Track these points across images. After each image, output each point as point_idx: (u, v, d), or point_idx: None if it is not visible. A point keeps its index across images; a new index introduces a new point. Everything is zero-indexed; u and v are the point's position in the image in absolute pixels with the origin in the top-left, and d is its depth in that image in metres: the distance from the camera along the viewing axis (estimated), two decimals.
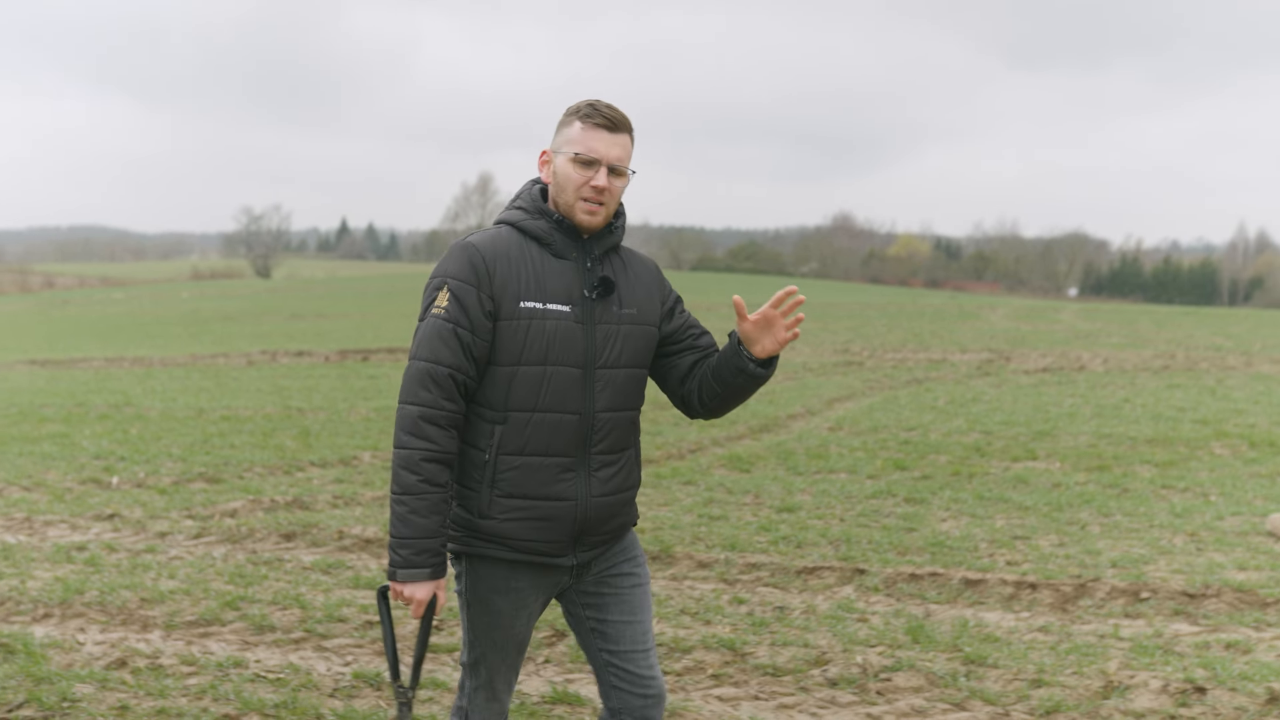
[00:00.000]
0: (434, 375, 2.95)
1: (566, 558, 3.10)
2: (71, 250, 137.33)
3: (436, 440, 2.94)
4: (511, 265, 3.02)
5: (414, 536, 2.94)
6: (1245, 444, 11.96)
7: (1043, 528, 8.21)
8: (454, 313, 2.97)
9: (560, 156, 3.08)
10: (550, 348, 3.00)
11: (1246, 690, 5.04)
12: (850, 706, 4.85)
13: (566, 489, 3.05)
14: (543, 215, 3.09)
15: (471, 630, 3.14)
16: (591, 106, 3.06)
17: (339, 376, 19.82)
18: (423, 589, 2.98)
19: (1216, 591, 6.59)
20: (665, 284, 3.28)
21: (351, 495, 9.12)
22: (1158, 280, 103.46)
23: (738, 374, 3.12)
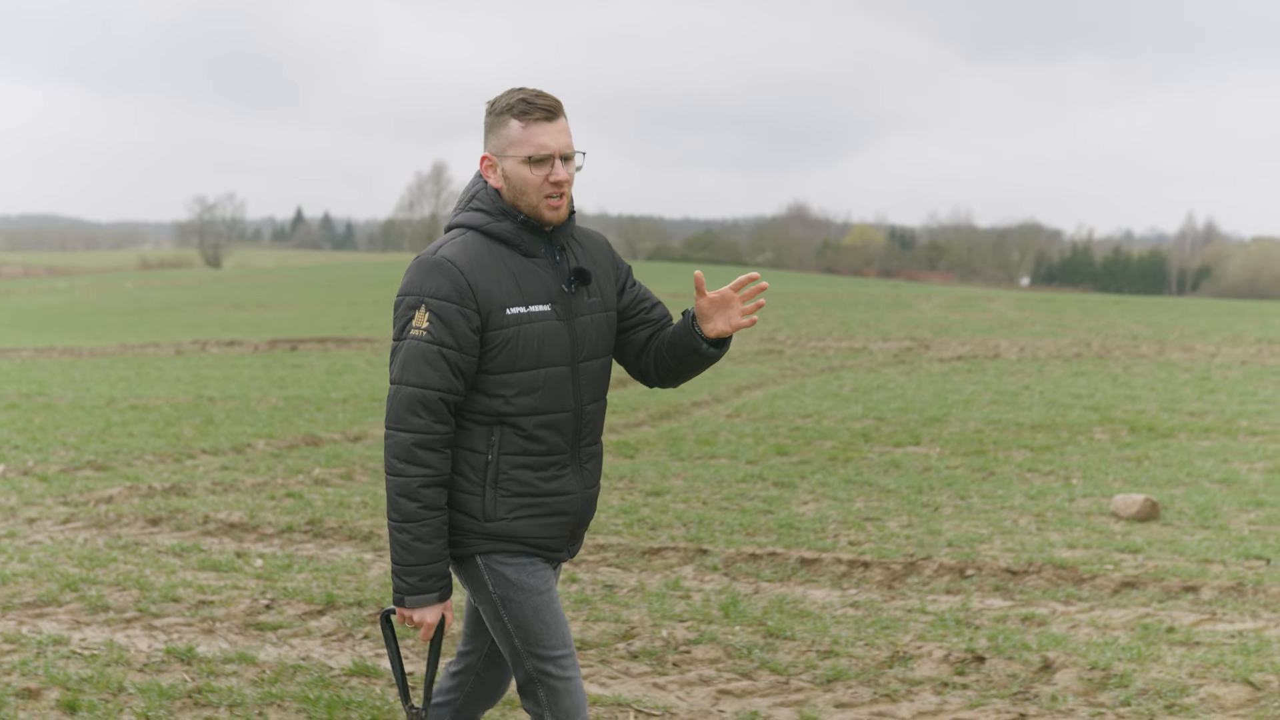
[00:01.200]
0: (424, 400, 2.89)
1: (563, 553, 3.14)
2: (22, 240, 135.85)
3: (433, 465, 2.91)
4: (489, 274, 2.96)
5: (420, 563, 2.92)
6: (1126, 429, 12.32)
7: (897, 510, 8.49)
8: (437, 333, 2.90)
9: (508, 160, 2.99)
10: (540, 350, 2.98)
11: (1022, 659, 5.32)
12: (640, 677, 5.09)
13: (566, 484, 3.06)
14: (506, 216, 3.02)
15: (519, 630, 3.03)
16: (524, 101, 2.98)
17: (263, 366, 19.90)
18: (432, 612, 2.97)
19: (1038, 569, 6.88)
20: (617, 259, 3.25)
21: (231, 482, 9.28)
22: (1108, 270, 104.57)
23: (690, 353, 3.12)
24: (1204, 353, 20.90)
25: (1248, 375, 17.45)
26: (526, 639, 3.03)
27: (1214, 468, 10.08)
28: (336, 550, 7.28)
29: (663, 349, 3.18)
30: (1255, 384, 16.21)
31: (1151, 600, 6.38)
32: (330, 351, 22.64)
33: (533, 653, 3.04)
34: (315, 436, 11.65)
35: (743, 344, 22.70)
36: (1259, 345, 22.09)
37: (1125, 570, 6.90)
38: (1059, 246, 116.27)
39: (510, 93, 3.00)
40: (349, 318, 32.72)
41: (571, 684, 3.07)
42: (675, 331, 3.16)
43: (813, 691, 4.94)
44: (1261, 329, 25.80)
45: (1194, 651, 5.48)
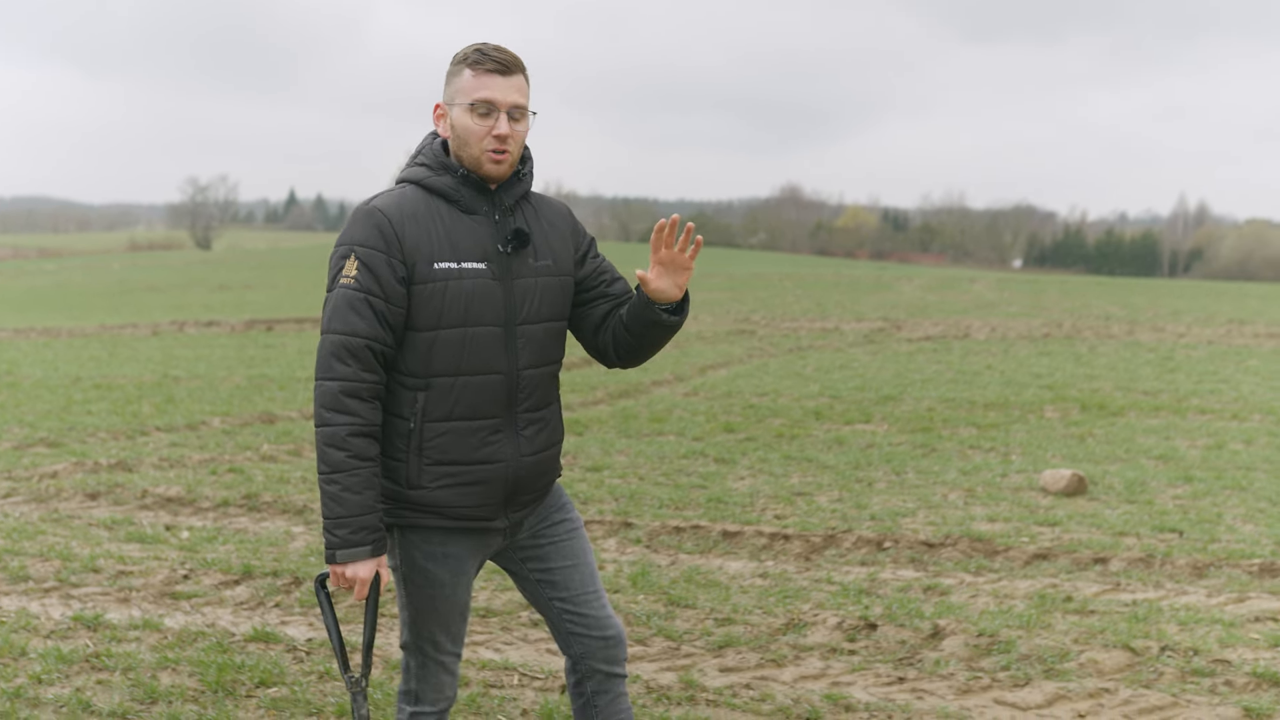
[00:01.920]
0: (350, 347, 2.85)
1: (499, 520, 3.05)
2: (13, 222, 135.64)
3: (361, 414, 2.85)
4: (420, 226, 2.91)
5: (349, 515, 2.84)
6: (1077, 407, 12.44)
7: (831, 485, 8.61)
8: (365, 281, 2.85)
9: (456, 109, 2.95)
10: (469, 308, 2.91)
11: (914, 626, 5.45)
12: (536, 643, 5.21)
13: (496, 451, 2.98)
14: (447, 170, 2.98)
15: (411, 605, 3.04)
16: (479, 51, 2.94)
17: (236, 346, 19.99)
18: (365, 567, 2.87)
19: (955, 541, 7.00)
20: (579, 228, 3.18)
21: (179, 458, 9.39)
22: (1100, 252, 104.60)
23: (651, 326, 3.05)
24: (1173, 333, 21.03)
25: (1211, 355, 17.57)
26: (416, 619, 3.05)
27: (1154, 445, 10.21)
28: (269, 523, 7.39)
29: (620, 326, 3.12)
30: (1216, 364, 16.33)
31: (1060, 572, 6.51)
32: (305, 332, 22.72)
33: (419, 630, 3.06)
34: (271, 414, 11.75)
35: (716, 324, 22.80)
36: (1229, 326, 22.21)
37: (1040, 543, 7.03)
38: (1052, 229, 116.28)
39: (471, 45, 2.98)
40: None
41: (444, 667, 3.09)
42: (631, 307, 3.09)
43: (701, 657, 5.07)
44: (1235, 309, 25.93)
45: (1086, 620, 5.61)
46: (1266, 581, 6.33)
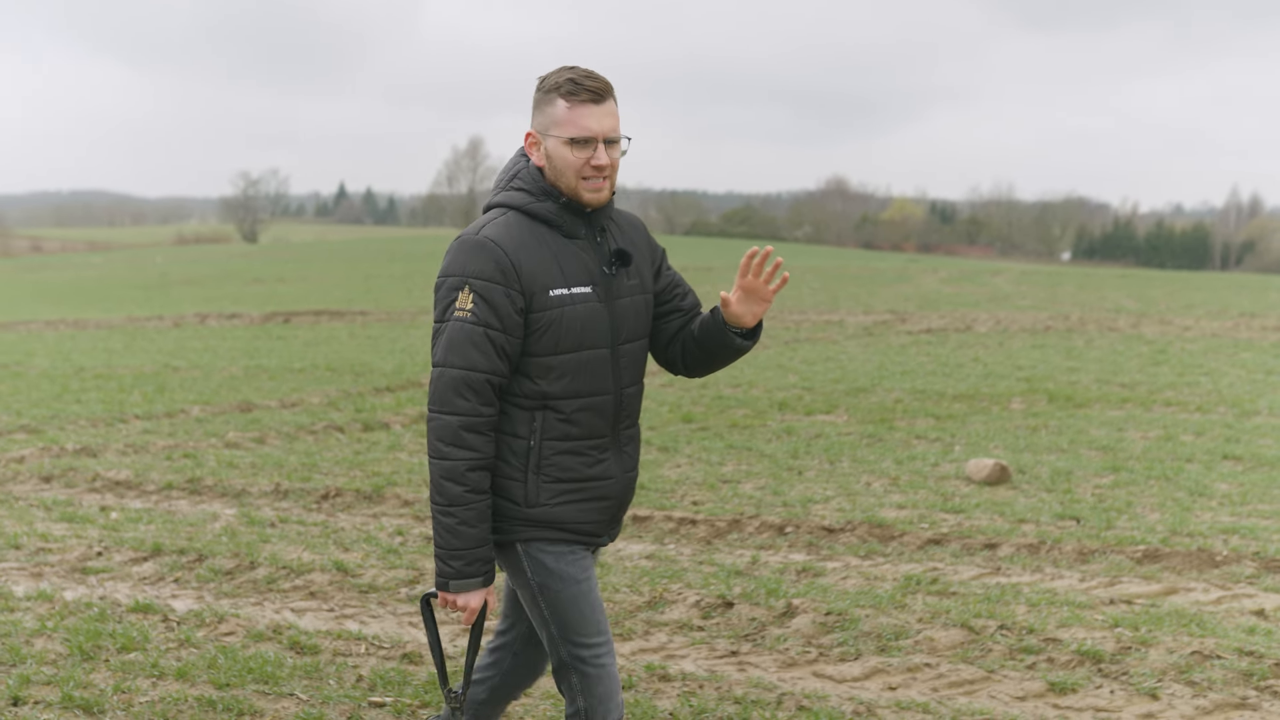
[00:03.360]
0: (471, 383, 2.86)
1: (604, 538, 3.12)
2: (71, 215, 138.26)
3: (479, 448, 2.88)
4: (533, 255, 2.92)
5: (465, 547, 2.89)
6: (1045, 399, 12.57)
7: (761, 473, 8.84)
8: (483, 314, 2.85)
9: (551, 139, 2.95)
10: (584, 332, 2.95)
11: (768, 605, 5.70)
12: (402, 616, 5.52)
13: (607, 468, 3.05)
14: (548, 197, 2.98)
15: (556, 618, 3.03)
16: (572, 81, 2.93)
17: (249, 338, 20.48)
18: (476, 597, 2.95)
19: (854, 527, 7.23)
20: (653, 241, 3.22)
21: (144, 444, 9.80)
22: (1150, 244, 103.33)
23: (722, 347, 3.11)
24: (1179, 326, 20.97)
25: (1208, 348, 17.55)
26: (562, 627, 3.03)
27: (1104, 436, 10.33)
28: (204, 506, 7.76)
29: (692, 341, 3.16)
30: (1209, 358, 16.32)
31: (948, 556, 6.73)
32: (321, 324, 23.20)
33: (568, 639, 3.04)
34: (249, 403, 12.16)
35: None
36: (1239, 319, 22.10)
37: (938, 529, 7.24)
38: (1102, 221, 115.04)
39: (560, 71, 2.96)
40: (359, 291, 33.33)
41: (605, 671, 3.07)
42: (705, 325, 3.14)
43: None
44: (1252, 302, 25.75)
45: (942, 600, 5.83)
46: (1144, 567, 6.52)
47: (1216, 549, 6.74)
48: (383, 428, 10.85)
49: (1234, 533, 7.11)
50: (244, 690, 4.49)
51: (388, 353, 17.32)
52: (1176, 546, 6.81)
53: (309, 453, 9.49)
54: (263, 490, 8.08)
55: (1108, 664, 5.02)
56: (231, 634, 5.19)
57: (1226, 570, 6.45)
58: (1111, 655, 5.10)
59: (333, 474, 8.63)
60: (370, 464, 9.01)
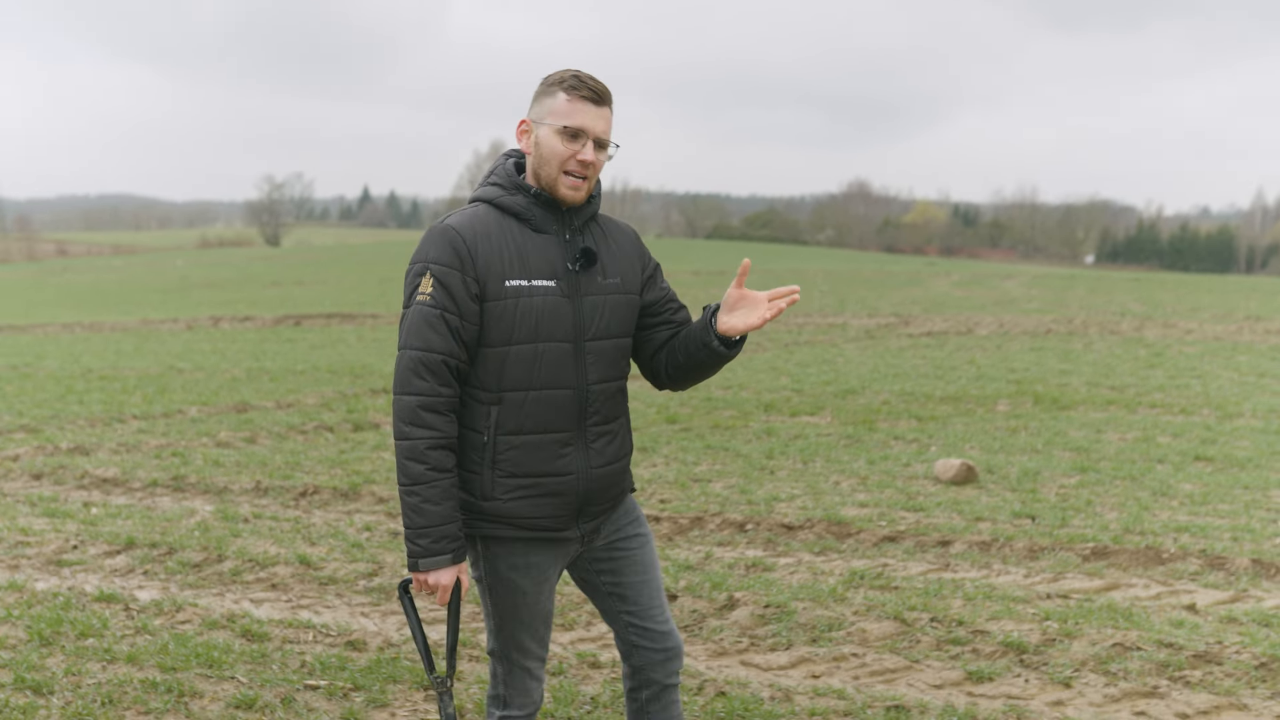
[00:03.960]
0: (427, 363, 2.95)
1: (571, 530, 3.13)
2: (98, 219, 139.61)
3: (438, 427, 2.94)
4: (493, 244, 2.99)
5: (430, 525, 2.95)
6: (1030, 400, 12.70)
7: (734, 473, 9.03)
8: (440, 298, 2.94)
9: (544, 128, 3.04)
10: (540, 324, 3.00)
11: (710, 597, 5.88)
12: (358, 607, 5.74)
13: (567, 464, 3.07)
14: (519, 190, 3.07)
15: (496, 614, 3.14)
16: (576, 78, 3.03)
17: (258, 340, 20.79)
18: (446, 575, 2.99)
19: (813, 524, 7.41)
20: (645, 252, 3.27)
21: (136, 443, 10.06)
22: (1174, 247, 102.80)
23: (702, 348, 3.13)
24: (1182, 329, 21.02)
25: (1206, 351, 17.61)
26: (502, 626, 3.16)
27: (1081, 437, 10.47)
28: (186, 503, 8.00)
29: (675, 347, 3.21)
30: (1204, 361, 16.40)
31: (899, 553, 6.89)
32: (331, 327, 23.49)
33: (505, 637, 3.17)
34: (246, 404, 12.42)
35: None
36: (1243, 323, 22.12)
37: (896, 527, 7.40)
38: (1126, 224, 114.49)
39: (566, 70, 3.07)
40: (373, 294, 33.66)
41: (531, 674, 3.20)
42: (692, 328, 3.19)
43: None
44: (1261, 306, 25.74)
45: (882, 595, 6.00)
46: (1090, 564, 6.67)
47: (1165, 547, 6.89)
48: (372, 428, 11.08)
49: (1186, 531, 7.25)
50: (188, 673, 4.71)
51: (390, 356, 17.56)
52: (1126, 544, 6.95)
53: (295, 452, 9.73)
54: (244, 488, 8.32)
55: (1030, 655, 5.19)
56: (187, 622, 5.42)
57: (1171, 567, 6.59)
58: (1035, 647, 5.26)
59: (314, 472, 8.87)
60: (352, 463, 9.24)
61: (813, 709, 4.55)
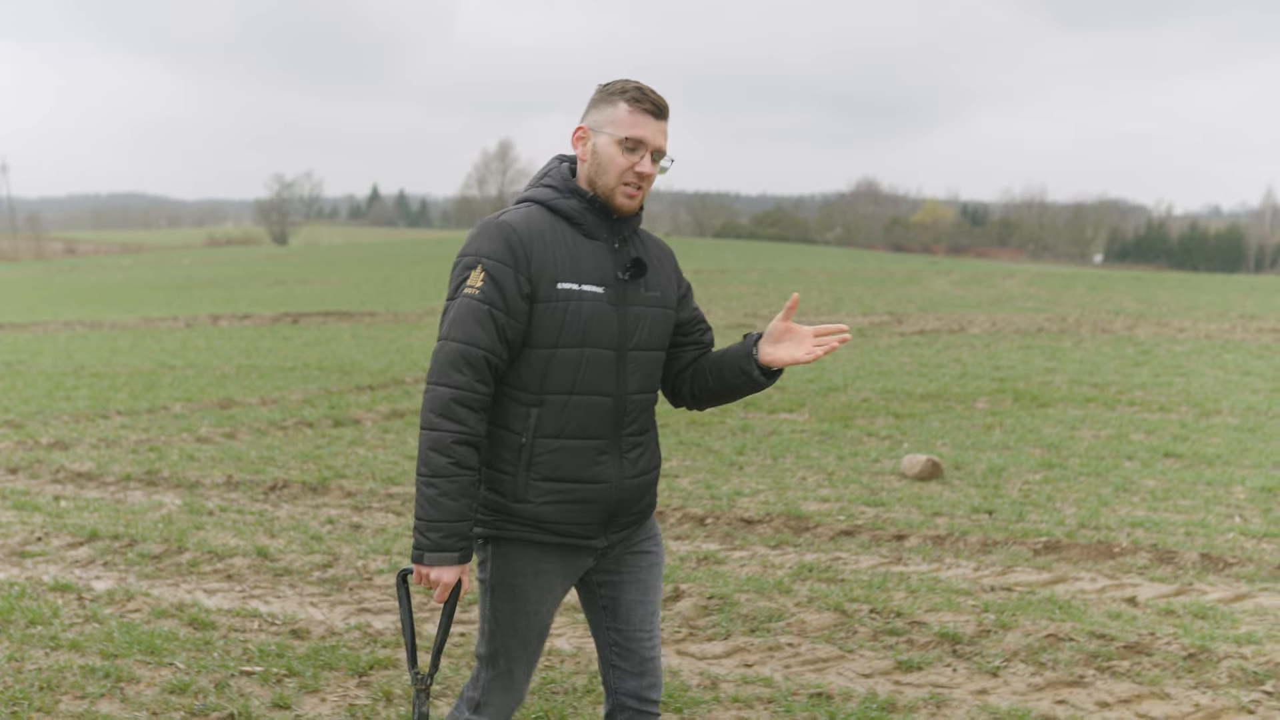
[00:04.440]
0: (468, 357, 2.91)
1: (598, 539, 3.10)
2: (109, 217, 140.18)
3: (468, 423, 2.91)
4: (547, 245, 2.98)
5: (444, 520, 2.92)
6: (1010, 398, 12.77)
7: (703, 469, 9.11)
8: (489, 293, 2.92)
9: (603, 136, 3.03)
10: (587, 330, 2.98)
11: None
12: (310, 597, 5.85)
13: (602, 471, 3.05)
14: (575, 195, 3.05)
15: (493, 618, 3.10)
16: (639, 90, 3.03)
17: (254, 338, 20.93)
18: (450, 573, 2.95)
19: (772, 519, 7.50)
20: (679, 272, 3.28)
21: (117, 438, 10.19)
22: (1184, 247, 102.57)
23: (740, 375, 3.13)
24: (1175, 327, 21.06)
25: (1195, 349, 17.65)
26: (496, 633, 3.10)
27: (1054, 434, 10.54)
28: (157, 497, 8.12)
29: (706, 369, 3.21)
30: (1192, 359, 16.45)
31: (854, 546, 6.98)
32: (329, 325, 23.63)
33: (496, 644, 3.11)
34: (230, 400, 12.55)
35: (726, 318, 23.28)
36: (1237, 321, 22.15)
37: (854, 521, 7.49)
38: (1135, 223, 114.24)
39: (628, 80, 3.06)
40: (373, 293, 33.80)
41: (514, 685, 3.15)
42: (730, 352, 3.17)
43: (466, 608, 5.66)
44: (1257, 305, 25.75)
45: (828, 587, 6.09)
46: (1041, 558, 6.75)
47: (1118, 541, 6.97)
48: (353, 424, 11.19)
49: (1141, 526, 7.33)
50: (129, 660, 4.83)
51: (381, 352, 17.69)
52: (1079, 539, 7.03)
53: (271, 447, 9.84)
54: (215, 482, 8.44)
55: (964, 645, 5.27)
56: (137, 611, 5.53)
57: (1121, 561, 6.67)
58: (970, 638, 5.34)
59: (287, 467, 8.98)
60: (326, 458, 9.35)
61: (737, 696, 4.64)
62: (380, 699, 4.50)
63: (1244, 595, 6.09)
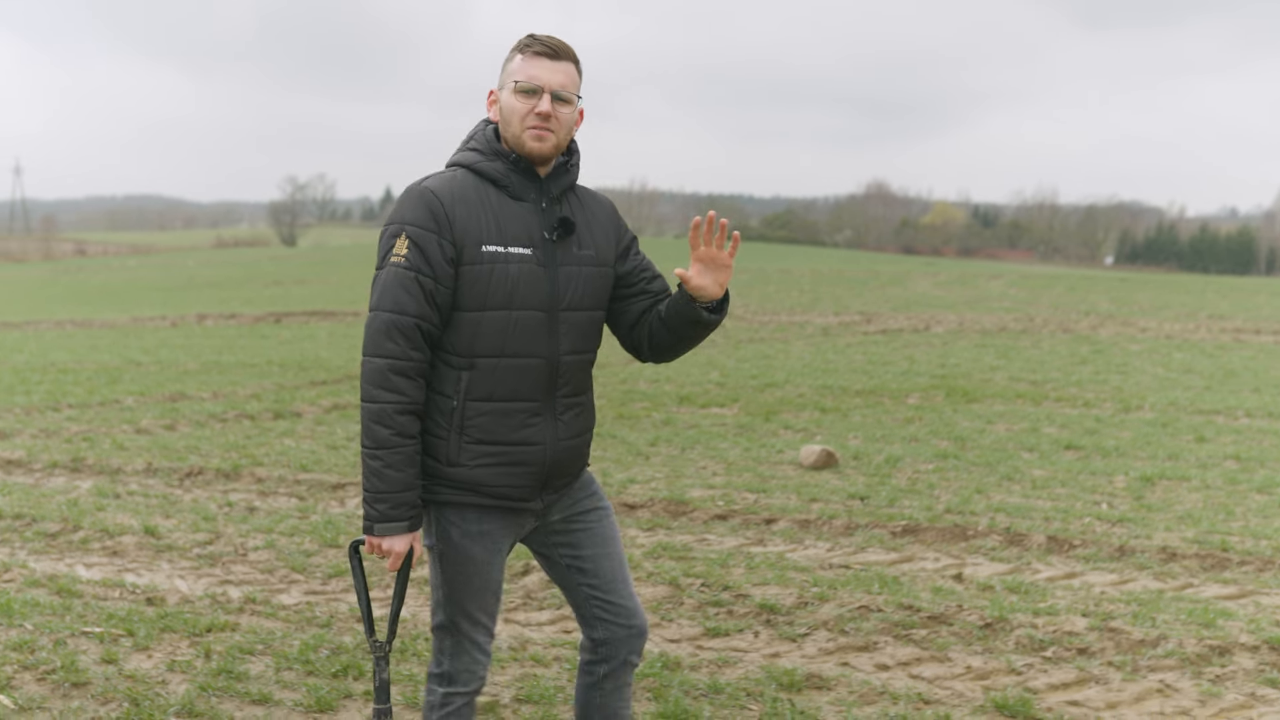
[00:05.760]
0: (399, 325, 2.93)
1: (534, 501, 3.13)
2: (124, 219, 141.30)
3: (406, 392, 2.93)
4: (470, 209, 2.98)
5: (390, 490, 2.94)
6: (942, 394, 13.10)
7: (610, 459, 9.47)
8: (415, 260, 2.92)
9: (504, 91, 3.06)
10: (514, 292, 2.99)
11: (509, 566, 6.35)
12: (182, 570, 6.25)
13: (535, 433, 3.06)
14: (498, 156, 3.06)
15: (446, 584, 3.11)
16: (531, 37, 3.05)
17: (233, 336, 21.38)
18: (400, 541, 2.98)
19: (653, 504, 7.86)
20: (621, 223, 3.26)
21: (56, 429, 10.61)
22: (1194, 249, 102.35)
23: (690, 324, 3.13)
24: (1139, 327, 21.33)
25: (1150, 349, 17.93)
26: (450, 594, 3.12)
27: (968, 427, 10.86)
28: (78, 482, 8.52)
29: (658, 323, 3.20)
30: (1141, 358, 16.72)
31: (723, 529, 7.33)
32: (310, 324, 24.07)
33: (453, 609, 3.13)
34: (181, 393, 12.97)
35: None
36: (1205, 321, 22.41)
37: (732, 506, 7.84)
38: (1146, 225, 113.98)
39: (527, 33, 3.09)
40: (366, 292, 34.25)
41: (479, 647, 3.16)
42: (670, 304, 3.17)
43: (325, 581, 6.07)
44: (1233, 305, 25.98)
45: (673, 564, 6.45)
46: (898, 540, 7.10)
47: (975, 525, 7.31)
48: (293, 416, 11.59)
49: (1003, 511, 7.67)
50: None
51: (347, 350, 18.10)
52: (940, 523, 7.37)
53: (203, 437, 10.25)
54: (135, 469, 8.84)
55: (779, 615, 5.63)
56: (11, 581, 5.93)
57: (972, 544, 7.00)
58: (788, 609, 5.70)
59: (209, 455, 9.38)
60: (251, 447, 9.75)
61: (535, 655, 5.01)
62: (201, 655, 4.89)
63: (1074, 574, 6.43)
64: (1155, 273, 74.02)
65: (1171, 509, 7.83)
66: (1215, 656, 5.12)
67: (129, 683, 4.54)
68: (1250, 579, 6.33)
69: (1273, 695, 4.75)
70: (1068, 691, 4.80)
